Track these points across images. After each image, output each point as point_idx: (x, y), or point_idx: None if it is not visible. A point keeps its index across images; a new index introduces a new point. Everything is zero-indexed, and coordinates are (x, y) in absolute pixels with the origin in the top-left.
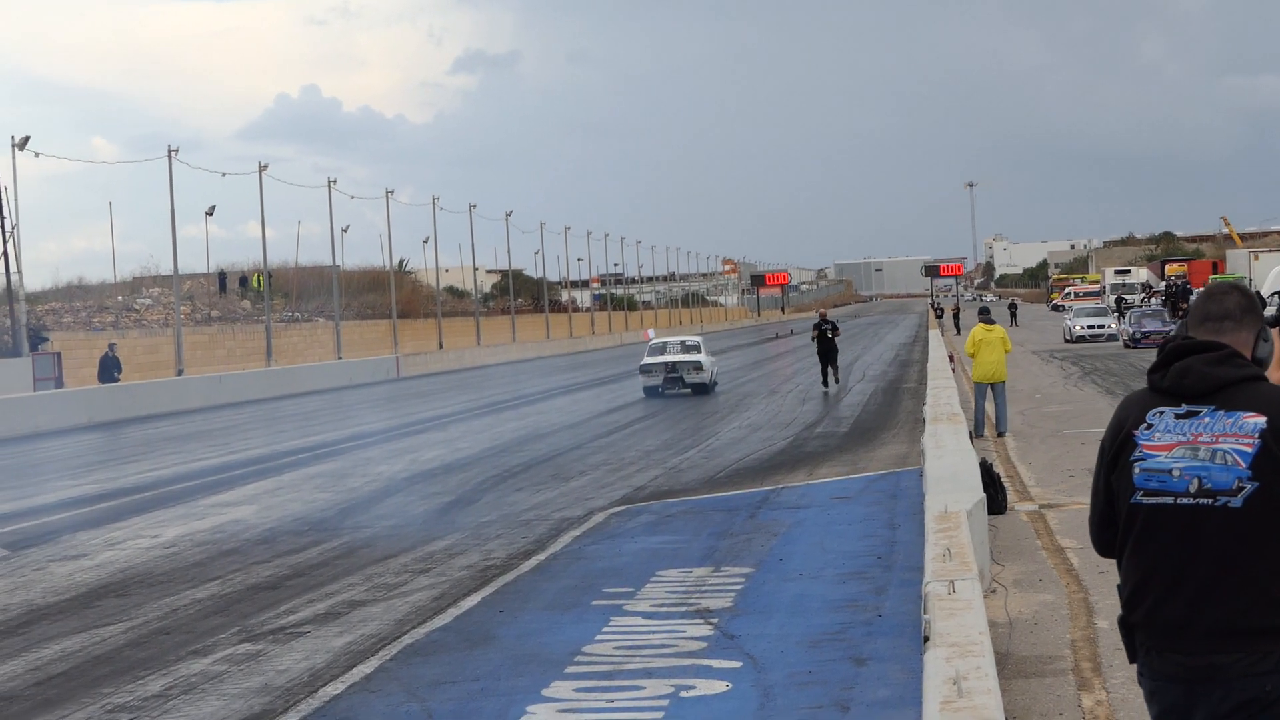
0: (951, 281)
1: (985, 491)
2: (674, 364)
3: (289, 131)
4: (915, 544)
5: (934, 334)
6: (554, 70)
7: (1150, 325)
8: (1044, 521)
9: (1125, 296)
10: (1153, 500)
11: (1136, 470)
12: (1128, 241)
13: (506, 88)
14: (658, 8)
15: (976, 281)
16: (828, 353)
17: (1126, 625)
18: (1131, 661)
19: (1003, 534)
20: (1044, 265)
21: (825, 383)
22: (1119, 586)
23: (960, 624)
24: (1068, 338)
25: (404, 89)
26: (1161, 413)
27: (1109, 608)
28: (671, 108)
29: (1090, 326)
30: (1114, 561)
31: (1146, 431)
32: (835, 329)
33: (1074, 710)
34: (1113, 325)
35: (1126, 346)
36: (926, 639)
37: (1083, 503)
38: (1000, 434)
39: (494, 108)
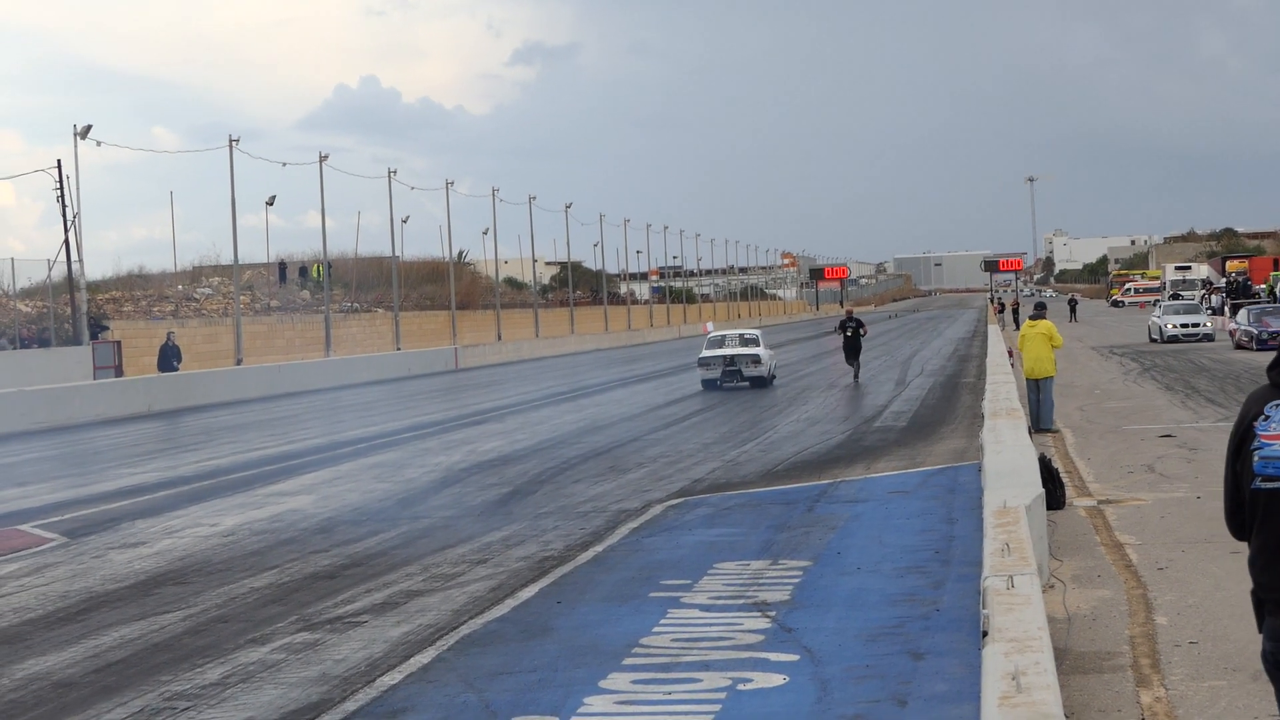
0: (1011, 277)
1: (1044, 487)
2: (732, 357)
3: (348, 122)
4: (973, 539)
5: (993, 329)
6: (613, 62)
7: (1277, 324)
8: (1102, 517)
9: (1182, 293)
10: (1270, 485)
11: (1256, 458)
12: (1188, 237)
13: (566, 80)
14: (718, 0)
15: (1036, 277)
16: (852, 349)
17: (1257, 598)
18: (1259, 630)
19: (1061, 529)
20: (1104, 261)
21: (855, 377)
22: (1249, 560)
23: (1019, 619)
24: (1156, 337)
25: (463, 80)
26: (1278, 405)
27: (1168, 604)
28: (731, 100)
29: (1184, 325)
30: (1172, 558)
31: (1264, 422)
32: (860, 326)
33: (1132, 707)
34: (1208, 324)
35: (1240, 348)
36: (985, 634)
37: (1141, 499)
38: (1037, 429)
39: (553, 99)
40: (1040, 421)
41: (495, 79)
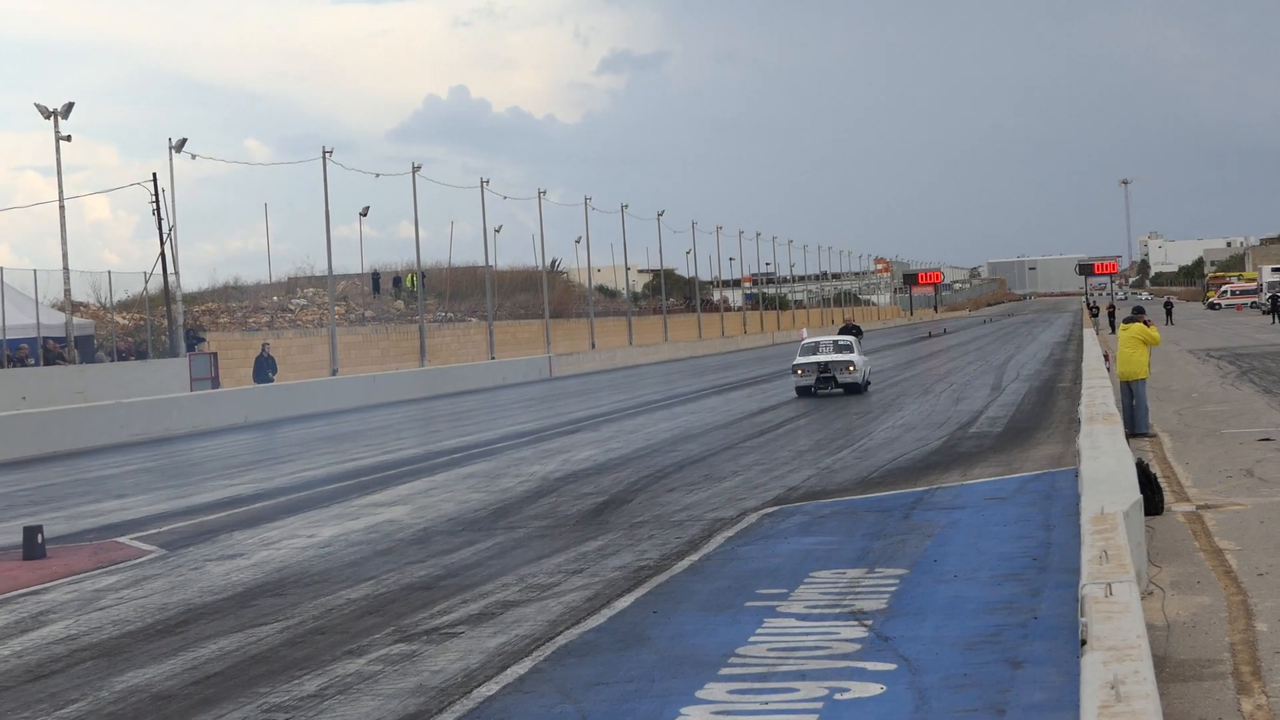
0: (1106, 280)
1: (1142, 492)
2: (827, 363)
3: (439, 132)
4: (1071, 545)
5: (1089, 333)
6: (701, 70)
7: None
8: (1201, 523)
9: (1279, 295)
10: None
11: None
12: None
13: (654, 88)
14: (805, 6)
15: (1131, 280)
16: None
17: None
18: None
19: (1159, 535)
20: (1200, 263)
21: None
22: None
23: (1118, 627)
24: None
25: (552, 89)
26: None
27: (1268, 610)
28: (821, 106)
29: None
30: (1273, 564)
31: None
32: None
33: (1234, 715)
34: None
35: None
36: (1084, 642)
37: (1241, 503)
38: (1132, 433)
39: (642, 108)
40: (1135, 425)
41: (584, 88)
